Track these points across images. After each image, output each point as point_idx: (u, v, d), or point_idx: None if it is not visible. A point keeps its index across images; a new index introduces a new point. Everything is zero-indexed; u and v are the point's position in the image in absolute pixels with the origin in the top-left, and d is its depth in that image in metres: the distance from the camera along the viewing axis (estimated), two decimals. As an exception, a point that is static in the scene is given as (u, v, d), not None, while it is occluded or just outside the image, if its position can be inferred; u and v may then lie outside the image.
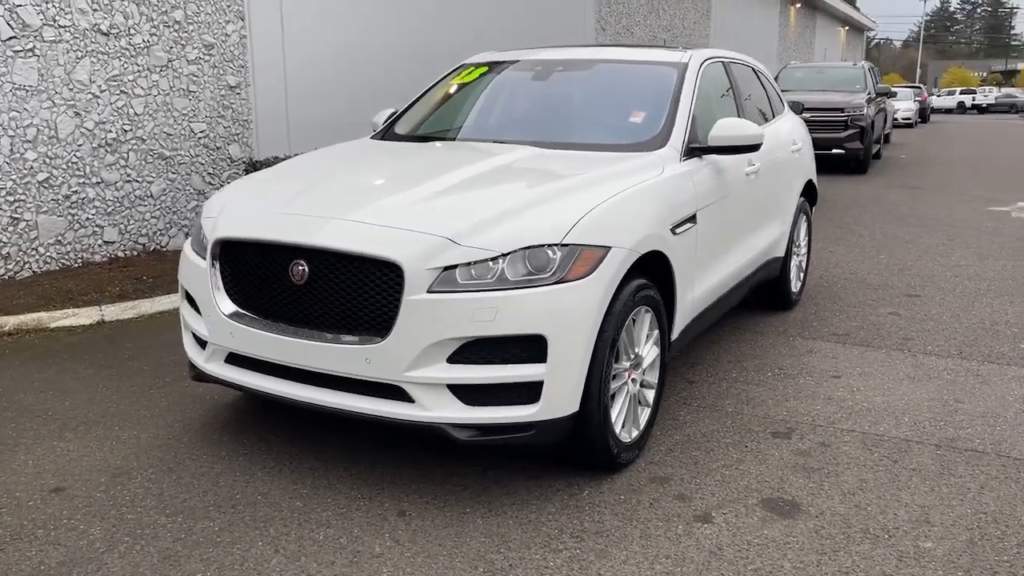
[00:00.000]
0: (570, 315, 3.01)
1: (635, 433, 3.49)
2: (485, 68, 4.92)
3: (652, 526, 3.05)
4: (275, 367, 3.29)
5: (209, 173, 7.61)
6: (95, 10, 6.53)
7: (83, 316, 5.54)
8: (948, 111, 60.29)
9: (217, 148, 7.66)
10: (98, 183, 6.74)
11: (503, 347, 2.98)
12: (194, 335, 3.62)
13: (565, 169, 3.72)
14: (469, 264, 2.98)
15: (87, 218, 6.72)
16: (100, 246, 6.86)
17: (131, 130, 6.92)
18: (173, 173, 7.31)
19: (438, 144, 4.31)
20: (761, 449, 3.70)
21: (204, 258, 3.46)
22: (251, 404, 4.15)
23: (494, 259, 2.98)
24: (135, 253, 7.10)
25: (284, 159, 7.05)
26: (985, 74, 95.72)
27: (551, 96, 4.66)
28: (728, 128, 4.05)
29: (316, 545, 2.91)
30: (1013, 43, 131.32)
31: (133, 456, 3.61)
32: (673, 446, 3.72)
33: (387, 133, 4.74)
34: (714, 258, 4.22)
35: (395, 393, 3.07)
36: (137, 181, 7.03)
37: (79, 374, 4.62)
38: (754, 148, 4.09)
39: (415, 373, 2.99)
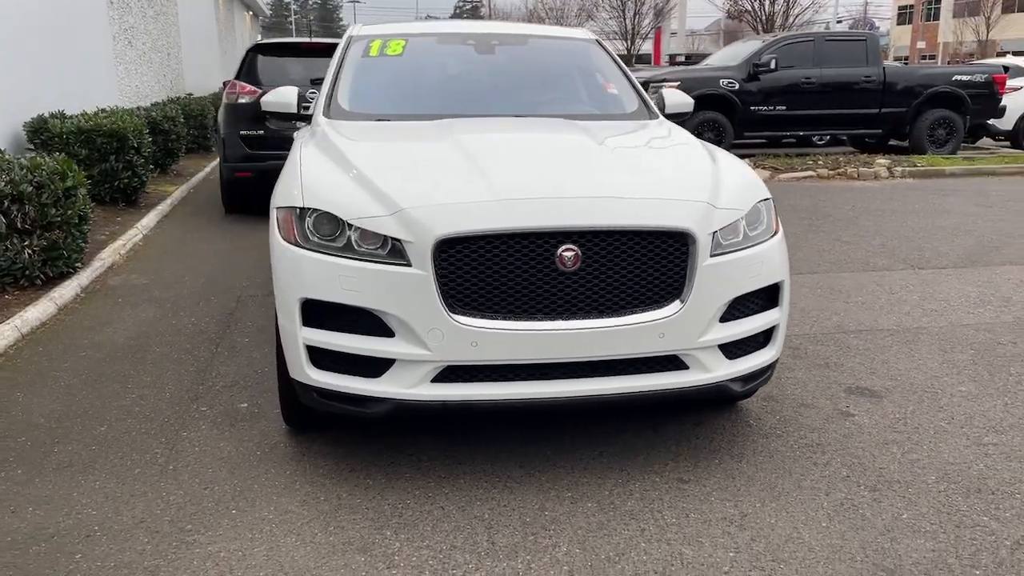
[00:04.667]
0: (786, 261, 3.39)
1: None
2: (404, 41, 4.56)
3: (835, 430, 3.64)
4: (527, 369, 2.96)
5: None
6: None
7: None
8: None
9: None
10: None
11: (754, 299, 3.24)
12: (368, 361, 2.95)
13: (644, 136, 3.93)
14: (726, 226, 3.14)
15: None
16: None
17: None
18: None
19: (461, 122, 3.90)
20: (783, 363, 4.45)
21: (397, 263, 2.87)
22: (320, 432, 3.44)
23: (739, 219, 3.20)
24: None
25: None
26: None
27: (516, 70, 4.59)
28: (676, 97, 4.62)
29: (685, 525, 2.86)
30: (339, 31, 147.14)
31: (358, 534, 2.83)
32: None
33: (337, 111, 4.13)
34: None
35: (670, 364, 3.09)
36: None
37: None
38: (688, 115, 4.74)
39: (705, 338, 3.07)
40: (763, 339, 3.33)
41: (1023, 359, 4.52)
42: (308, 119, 4.30)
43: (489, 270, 2.90)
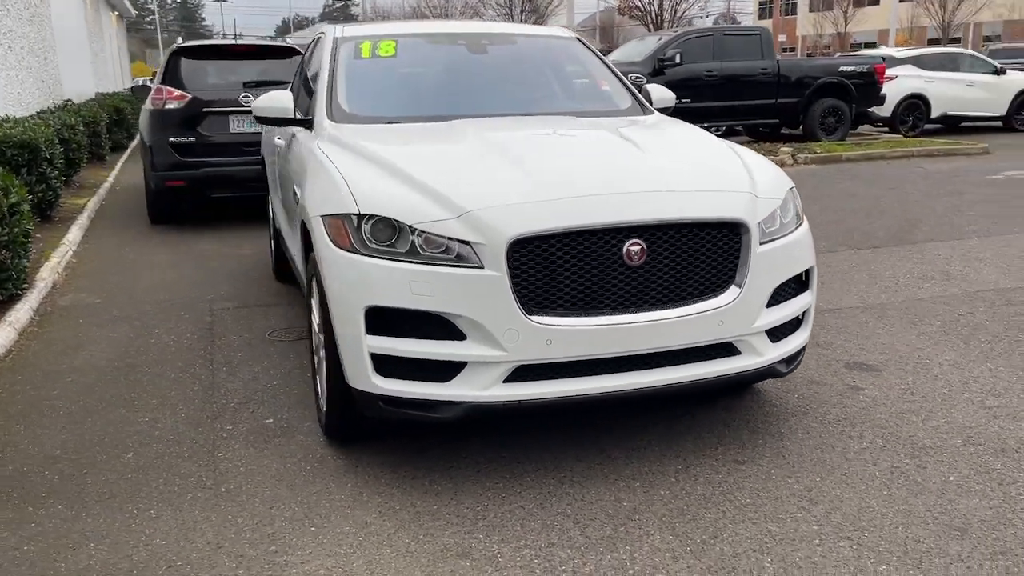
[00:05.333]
0: (813, 247, 3.56)
1: None
2: (394, 43, 4.48)
3: (853, 404, 3.85)
4: (597, 363, 3.00)
5: None
6: None
7: None
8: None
9: None
10: None
11: (790, 285, 3.39)
12: (438, 365, 2.93)
13: (656, 130, 4.03)
14: (767, 215, 3.27)
15: None
16: None
17: None
18: None
19: (475, 122, 3.86)
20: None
21: (467, 266, 2.87)
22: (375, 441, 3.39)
23: (777, 208, 3.34)
24: None
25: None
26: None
27: (511, 69, 4.58)
28: (661, 92, 4.74)
29: (760, 504, 2.98)
30: (203, 31, 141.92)
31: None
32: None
33: (341, 115, 4.02)
34: None
35: (725, 350, 3.20)
36: None
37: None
38: (672, 109, 4.87)
39: (757, 323, 3.19)
40: (797, 322, 3.48)
41: (986, 327, 4.89)
42: (306, 124, 4.17)
43: (560, 267, 2.93)
